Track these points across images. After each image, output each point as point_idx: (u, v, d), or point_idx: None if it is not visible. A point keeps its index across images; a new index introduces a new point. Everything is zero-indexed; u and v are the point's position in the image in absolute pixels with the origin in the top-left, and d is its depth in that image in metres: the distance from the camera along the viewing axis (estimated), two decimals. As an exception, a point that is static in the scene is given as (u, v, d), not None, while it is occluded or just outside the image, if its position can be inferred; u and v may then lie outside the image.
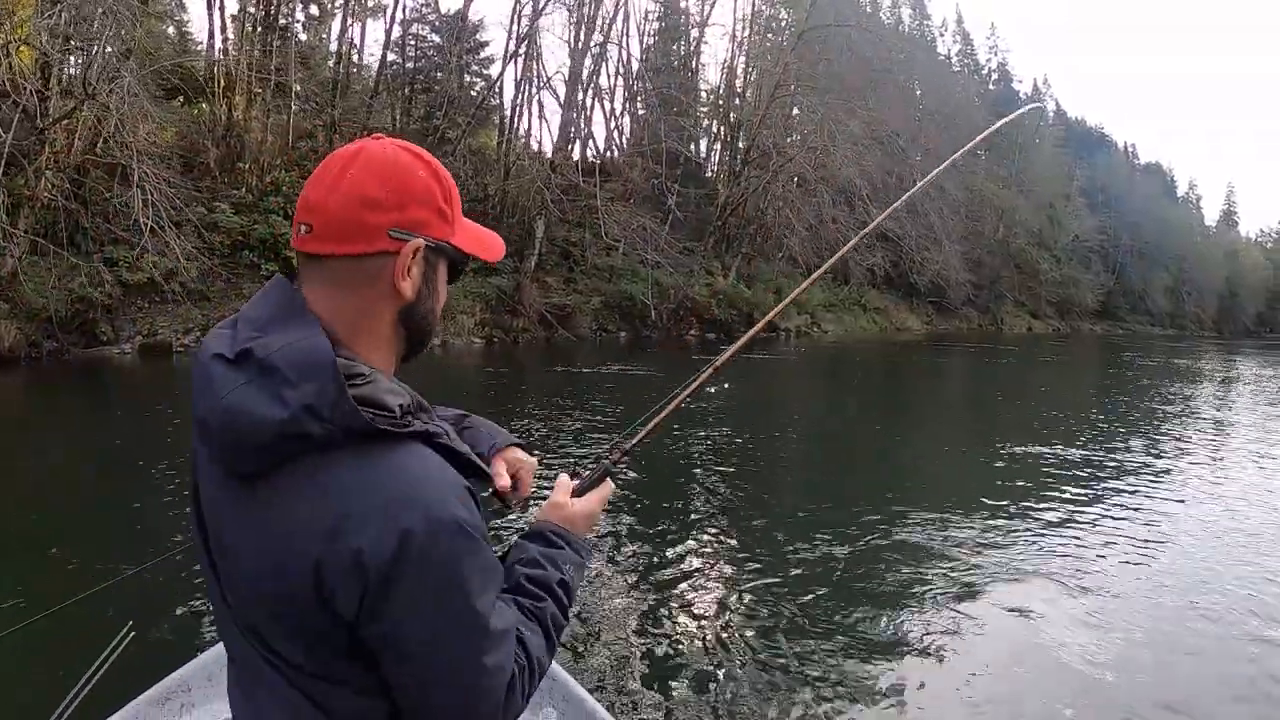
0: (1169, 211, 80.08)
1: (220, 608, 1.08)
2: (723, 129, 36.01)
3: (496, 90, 28.02)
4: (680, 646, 4.57)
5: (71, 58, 16.74)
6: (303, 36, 28.64)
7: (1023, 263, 57.02)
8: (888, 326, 39.96)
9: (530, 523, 1.32)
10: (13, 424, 10.63)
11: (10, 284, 14.54)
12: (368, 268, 1.02)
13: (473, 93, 27.62)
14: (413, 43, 29.11)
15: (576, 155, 29.72)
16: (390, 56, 27.83)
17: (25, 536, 6.00)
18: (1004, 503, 7.81)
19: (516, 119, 27.68)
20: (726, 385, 14.20)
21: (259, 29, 23.85)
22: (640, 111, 33.55)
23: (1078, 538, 6.87)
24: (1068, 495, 8.29)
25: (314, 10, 29.93)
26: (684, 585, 5.47)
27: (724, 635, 4.73)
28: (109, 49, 16.07)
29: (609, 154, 33.77)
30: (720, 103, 37.43)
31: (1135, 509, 7.92)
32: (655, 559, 5.92)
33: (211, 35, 23.27)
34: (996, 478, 9.05)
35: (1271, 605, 5.54)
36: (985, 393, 20.23)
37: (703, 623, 4.91)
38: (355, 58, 30.63)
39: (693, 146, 36.13)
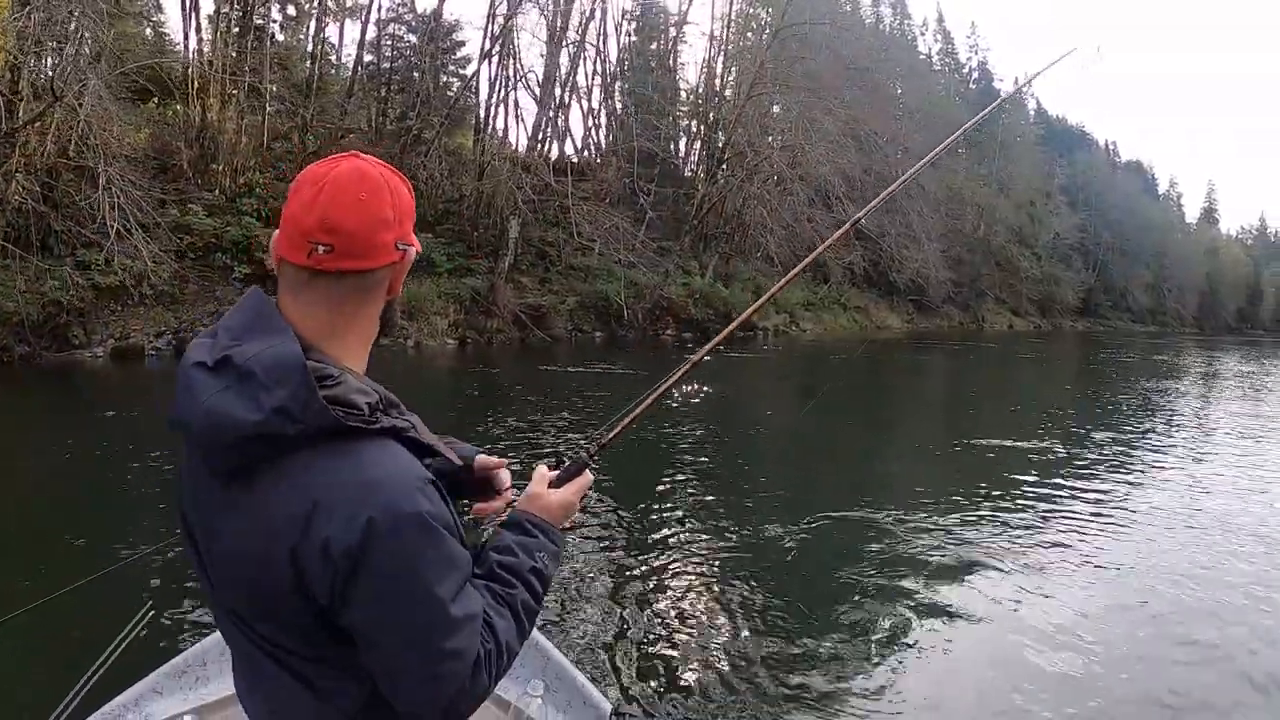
0: (1150, 209, 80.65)
1: (209, 597, 1.18)
2: (701, 128, 36.07)
3: (472, 90, 28.02)
4: (656, 630, 4.76)
5: (44, 59, 16.66)
6: (280, 37, 28.53)
7: (1003, 260, 57.36)
8: (867, 325, 40.10)
9: (514, 509, 1.38)
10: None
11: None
12: (376, 278, 1.15)
13: (449, 93, 27.59)
14: (389, 43, 29.07)
15: (555, 154, 29.76)
16: (367, 57, 27.85)
17: (31, 529, 6.18)
18: (979, 498, 7.96)
19: (492, 119, 27.69)
20: (707, 389, 14.27)
21: (235, 30, 23.77)
22: (617, 110, 33.56)
23: (1056, 532, 7.02)
24: (1045, 490, 8.47)
25: (291, 11, 29.86)
26: (660, 575, 5.65)
27: (699, 620, 4.94)
28: (77, 51, 16.01)
29: (586, 153, 33.80)
30: (700, 102, 37.49)
31: (1113, 503, 8.06)
32: (632, 551, 6.07)
33: (186, 36, 23.18)
34: (973, 473, 9.20)
35: (1253, 597, 5.66)
36: (964, 390, 20.39)
37: (680, 608, 5.12)
38: (333, 58, 30.64)
39: (671, 146, 36.22)
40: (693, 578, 5.64)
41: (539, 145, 28.09)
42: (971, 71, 69.59)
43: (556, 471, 1.46)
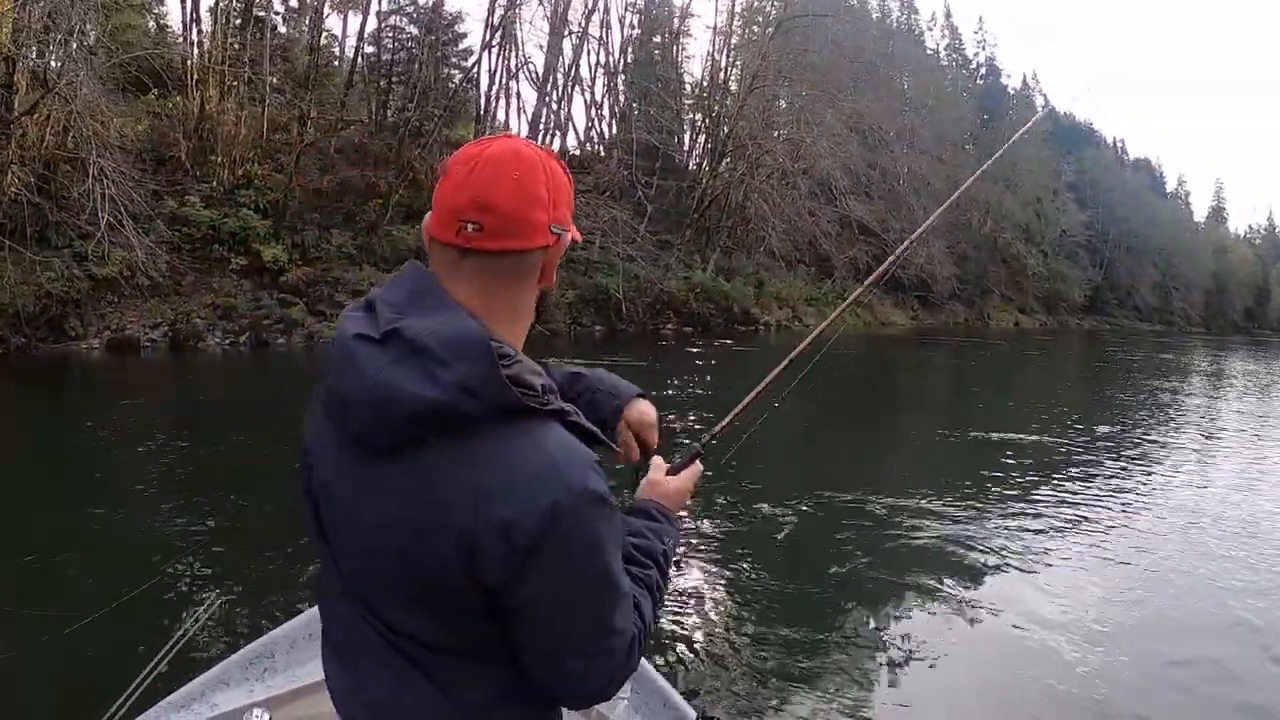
0: (1157, 207, 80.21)
1: (330, 580, 1.16)
2: (705, 121, 35.92)
3: (473, 81, 27.92)
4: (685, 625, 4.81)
5: (43, 51, 16.60)
6: (282, 29, 28.49)
7: (1010, 257, 57.03)
8: (872, 321, 39.85)
9: (633, 497, 1.42)
10: None
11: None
12: (529, 261, 1.11)
13: (450, 84, 27.48)
14: (390, 34, 28.99)
15: (556, 147, 29.63)
16: (368, 49, 27.77)
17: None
18: (983, 492, 8.03)
19: (492, 111, 27.59)
20: (709, 378, 14.19)
21: (237, 21, 23.72)
22: (620, 103, 33.44)
23: (1061, 526, 7.09)
24: (1050, 485, 8.54)
25: (293, 2, 29.82)
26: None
27: (704, 620, 4.93)
28: (78, 44, 15.98)
29: (589, 145, 33.69)
30: (704, 95, 37.34)
31: (1117, 499, 8.13)
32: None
33: (186, 27, 23.13)
34: (977, 467, 9.21)
35: (1258, 597, 5.63)
36: (969, 386, 20.28)
37: (686, 605, 5.11)
38: (336, 50, 30.61)
39: (676, 139, 36.08)
40: (694, 579, 5.59)
41: (539, 137, 27.98)
42: (979, 67, 69.09)
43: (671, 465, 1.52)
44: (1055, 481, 8.74)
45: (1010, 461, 9.53)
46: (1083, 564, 6.21)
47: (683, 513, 1.47)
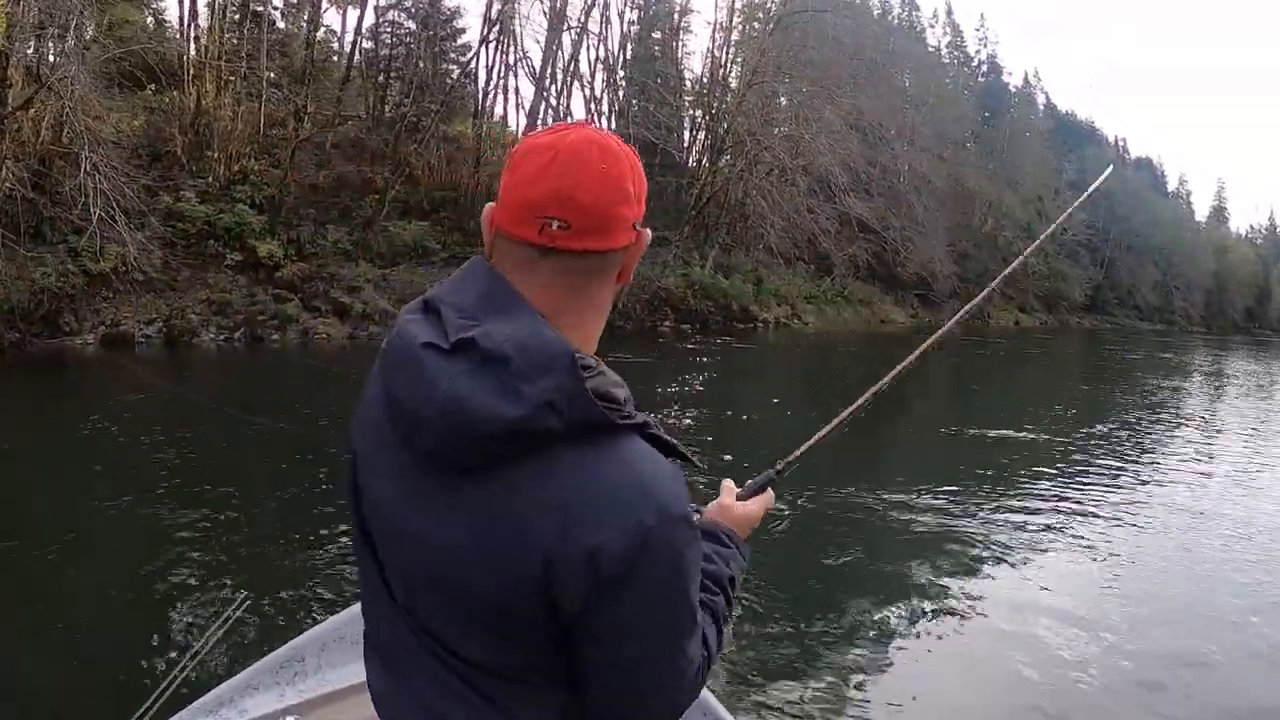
0: (1159, 206, 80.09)
1: (380, 598, 1.08)
2: (705, 117, 35.83)
3: (470, 76, 27.84)
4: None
5: (38, 44, 16.56)
6: (281, 24, 28.40)
7: (1010, 256, 56.81)
8: (871, 319, 39.78)
9: (699, 521, 1.31)
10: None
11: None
12: (611, 261, 1.03)
13: (448, 80, 27.39)
14: (388, 29, 28.94)
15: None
16: (366, 44, 27.70)
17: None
18: (983, 489, 8.08)
19: (490, 106, 27.52)
20: (712, 375, 14.16)
21: (235, 16, 23.67)
22: (619, 99, 33.35)
23: (1062, 528, 7.10)
24: (1048, 482, 8.60)
25: (293, -3, 29.71)
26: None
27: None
28: (69, 38, 15.93)
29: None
30: (704, 91, 37.25)
31: (1116, 496, 8.20)
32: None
33: (183, 21, 23.08)
34: (977, 463, 9.25)
35: (1259, 595, 5.68)
36: (971, 385, 20.25)
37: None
38: (335, 45, 30.53)
39: (675, 136, 35.97)
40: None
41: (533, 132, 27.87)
42: (981, 65, 68.96)
43: (742, 487, 1.47)
44: (1054, 479, 8.77)
45: (1008, 459, 9.57)
46: (1082, 561, 6.24)
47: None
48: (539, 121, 28.23)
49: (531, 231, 0.97)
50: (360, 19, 26.77)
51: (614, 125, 32.98)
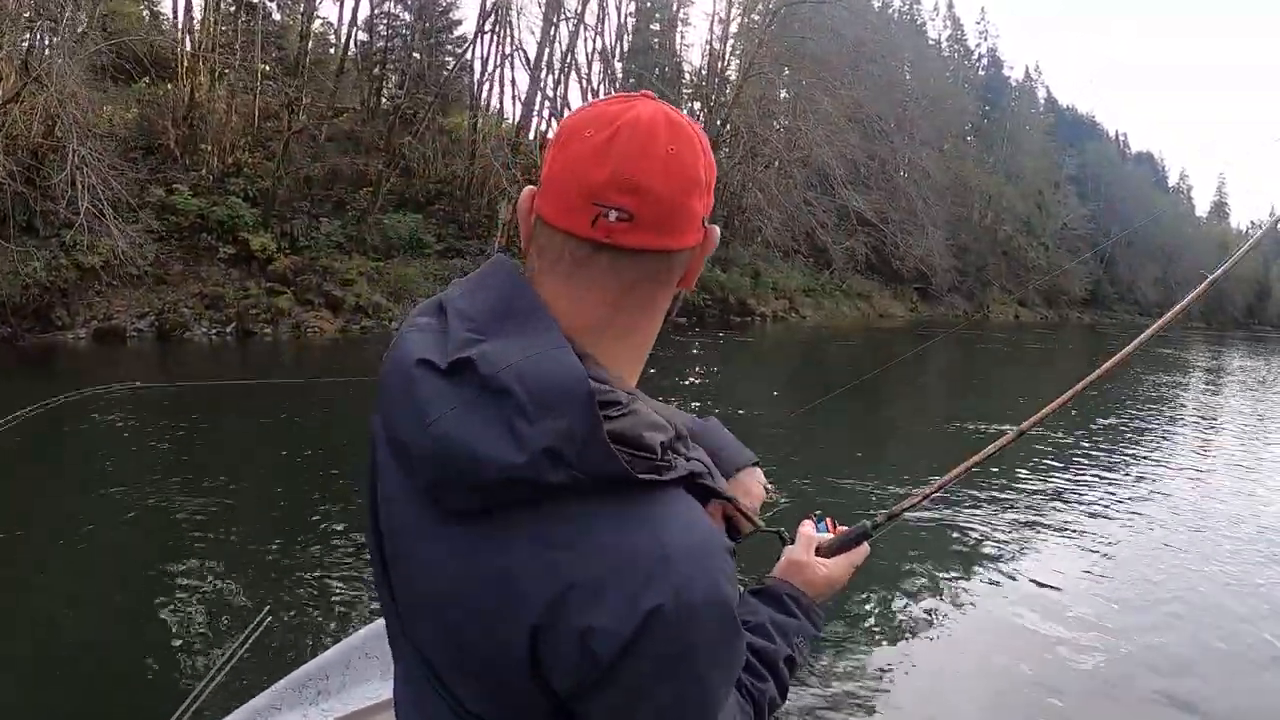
0: (1159, 202, 79.97)
1: (394, 627, 0.94)
2: (703, 110, 35.68)
3: (466, 68, 27.70)
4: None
5: (29, 37, 16.46)
6: (277, 16, 28.25)
7: (1010, 250, 56.77)
8: (870, 313, 39.70)
9: (764, 576, 1.14)
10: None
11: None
12: (675, 263, 0.86)
13: (444, 71, 27.24)
14: (383, 21, 28.77)
15: (551, 135, 29.42)
16: (361, 35, 27.54)
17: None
18: (982, 483, 7.97)
19: (486, 97, 27.40)
20: (712, 369, 14.06)
21: (230, 7, 23.53)
22: (615, 90, 33.20)
23: (1059, 518, 7.19)
24: (1047, 476, 8.61)
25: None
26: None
27: None
28: (62, 29, 15.83)
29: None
30: (702, 84, 37.11)
31: (1116, 492, 8.23)
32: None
33: (176, 13, 22.97)
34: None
35: (1263, 596, 5.70)
36: (972, 380, 20.25)
37: None
38: (333, 38, 30.37)
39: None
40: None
41: (533, 124, 27.84)
42: (981, 58, 68.79)
43: (827, 535, 1.19)
44: (1052, 473, 8.80)
45: (1005, 453, 9.42)
46: (1080, 558, 6.23)
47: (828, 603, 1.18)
48: (534, 114, 28.11)
49: (583, 222, 0.80)
50: (355, 10, 26.62)
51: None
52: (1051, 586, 5.56)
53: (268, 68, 23.32)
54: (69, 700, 3.76)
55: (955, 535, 6.48)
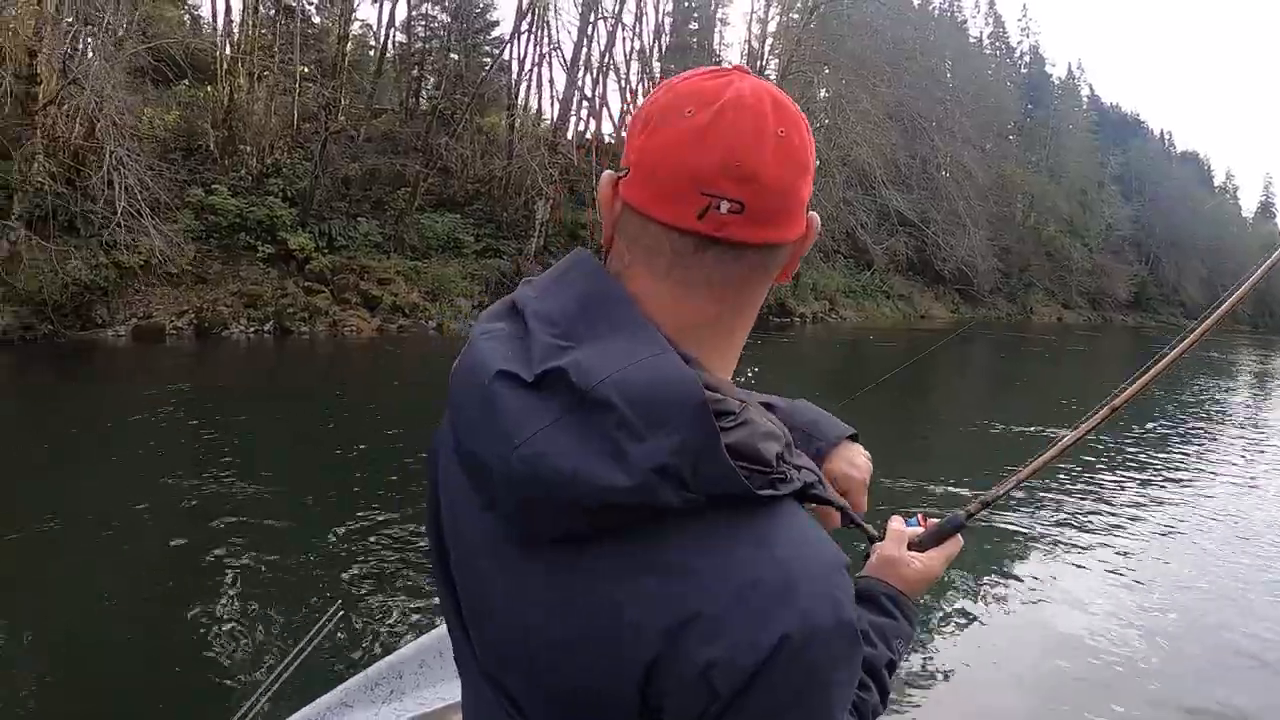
0: (1205, 201, 78.34)
1: (463, 651, 0.86)
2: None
3: (503, 68, 27.71)
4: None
5: (71, 40, 16.63)
6: (316, 19, 28.43)
7: (1053, 250, 55.69)
8: (910, 314, 39.07)
9: (857, 576, 1.05)
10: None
11: (5, 268, 14.56)
12: (780, 257, 0.79)
13: (482, 71, 27.26)
14: (421, 22, 28.91)
15: (589, 134, 29.35)
16: (399, 37, 27.65)
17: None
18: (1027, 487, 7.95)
19: (525, 98, 27.37)
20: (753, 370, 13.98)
21: (270, 11, 23.72)
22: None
23: (1106, 522, 7.13)
24: (1090, 480, 8.57)
25: (327, -9, 29.73)
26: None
27: None
28: (100, 33, 15.97)
29: (623, 133, 33.39)
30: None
31: (1156, 497, 8.21)
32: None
33: (215, 16, 23.18)
34: (1013, 458, 8.87)
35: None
36: (1014, 382, 19.87)
37: None
38: (371, 40, 30.56)
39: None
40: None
41: (571, 124, 27.76)
42: (1023, 55, 67.86)
43: (919, 529, 1.13)
44: (1089, 477, 8.74)
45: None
46: (1114, 561, 6.20)
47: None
48: (572, 113, 27.99)
49: (689, 214, 0.71)
50: (393, 12, 26.73)
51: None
52: (1082, 592, 5.54)
53: (306, 69, 23.42)
54: (133, 690, 3.79)
55: (998, 540, 6.46)
